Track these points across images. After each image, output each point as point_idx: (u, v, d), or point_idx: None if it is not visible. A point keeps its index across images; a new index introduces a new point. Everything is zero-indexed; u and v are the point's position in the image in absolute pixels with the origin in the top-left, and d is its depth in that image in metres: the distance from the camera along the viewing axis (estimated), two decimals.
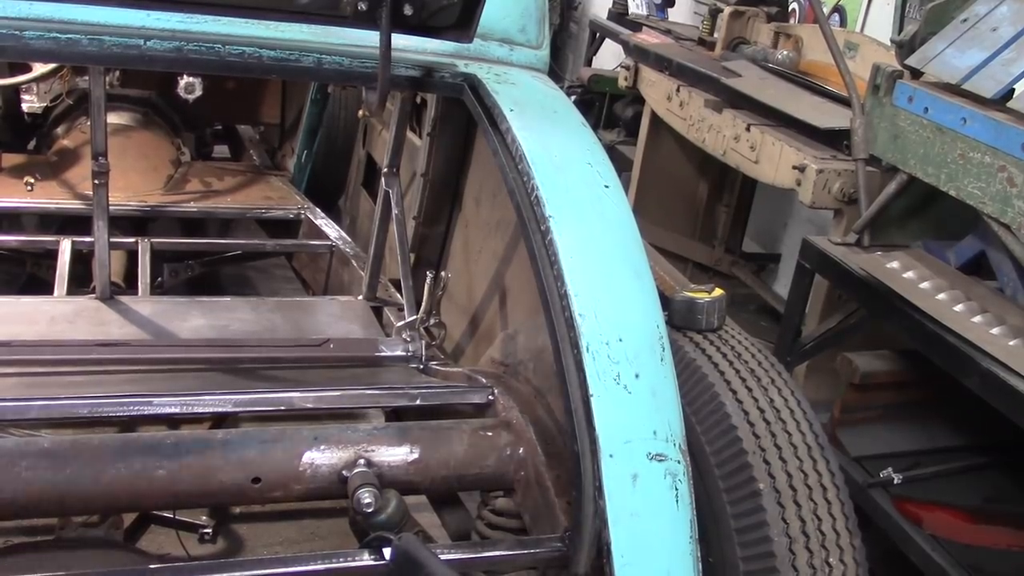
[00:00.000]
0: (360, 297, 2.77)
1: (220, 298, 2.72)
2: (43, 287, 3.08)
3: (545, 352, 1.80)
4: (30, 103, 3.77)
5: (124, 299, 2.62)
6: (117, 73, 3.75)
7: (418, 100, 2.84)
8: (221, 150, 4.67)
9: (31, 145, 3.89)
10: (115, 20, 1.81)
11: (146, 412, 1.92)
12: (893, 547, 2.77)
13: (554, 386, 1.77)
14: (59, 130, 3.77)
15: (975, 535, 2.82)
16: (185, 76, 3.68)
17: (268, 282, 3.90)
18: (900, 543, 2.74)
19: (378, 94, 1.83)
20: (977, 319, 2.61)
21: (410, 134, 2.86)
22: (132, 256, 3.05)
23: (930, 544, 2.68)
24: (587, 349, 1.50)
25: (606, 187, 1.73)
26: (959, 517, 2.88)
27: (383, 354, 2.32)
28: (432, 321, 2.32)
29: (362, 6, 1.77)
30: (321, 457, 1.70)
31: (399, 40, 1.84)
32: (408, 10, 1.76)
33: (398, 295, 2.74)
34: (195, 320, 2.56)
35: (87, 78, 3.73)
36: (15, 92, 3.71)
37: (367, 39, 1.88)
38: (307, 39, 1.94)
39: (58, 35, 1.77)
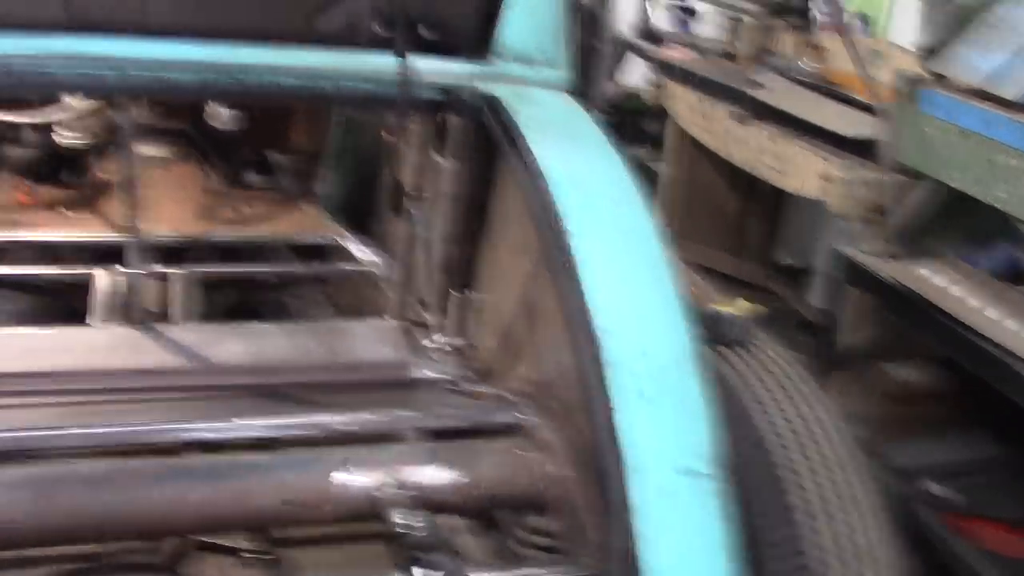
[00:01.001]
0: (391, 319, 2.78)
1: (254, 324, 2.75)
2: (79, 318, 3.12)
3: (575, 370, 1.80)
4: (64, 138, 3.83)
5: (159, 327, 2.66)
6: (143, 105, 3.81)
7: (441, 121, 2.85)
8: (252, 179, 4.71)
9: (66, 178, 3.96)
10: (139, 53, 1.85)
11: (183, 439, 1.94)
12: (938, 561, 2.73)
13: (585, 404, 1.77)
14: (94, 163, 3.83)
15: (1022, 547, 2.77)
16: (215, 105, 3.74)
17: (302, 307, 3.91)
18: (945, 557, 2.71)
19: (399, 118, 1.85)
20: (1012, 325, 2.57)
21: (436, 155, 2.87)
22: (166, 285, 3.09)
23: (975, 557, 2.64)
24: (611, 364, 1.50)
25: (628, 203, 1.74)
26: (1005, 529, 2.84)
27: (414, 375, 2.33)
28: (463, 342, 2.33)
29: (379, 30, 1.79)
30: (352, 479, 1.71)
31: (418, 63, 1.86)
32: (425, 33, 1.78)
33: (429, 317, 2.75)
34: (230, 347, 2.58)
35: (121, 112, 3.82)
36: (50, 128, 3.78)
37: (386, 63, 1.91)
38: (326, 65, 1.97)
39: (83, 69, 1.80)
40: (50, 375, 2.15)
